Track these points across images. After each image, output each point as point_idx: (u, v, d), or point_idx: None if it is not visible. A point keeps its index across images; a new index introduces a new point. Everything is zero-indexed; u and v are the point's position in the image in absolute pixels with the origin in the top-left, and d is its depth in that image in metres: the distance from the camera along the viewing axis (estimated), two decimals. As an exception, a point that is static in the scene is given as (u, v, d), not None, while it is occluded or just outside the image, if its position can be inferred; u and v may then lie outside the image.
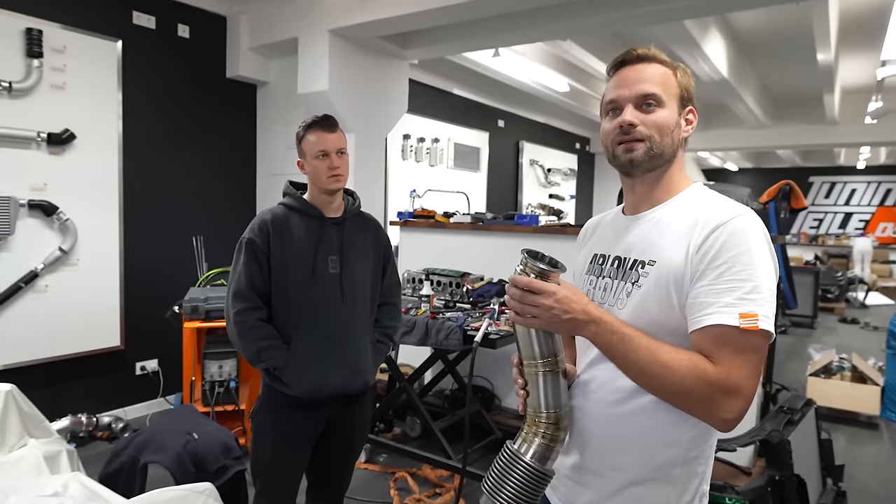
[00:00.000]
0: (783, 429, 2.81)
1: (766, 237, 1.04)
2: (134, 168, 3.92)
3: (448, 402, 3.89)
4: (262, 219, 1.93)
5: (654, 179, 1.14)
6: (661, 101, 1.10)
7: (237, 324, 1.86)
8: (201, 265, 4.07)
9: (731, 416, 0.97)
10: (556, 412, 1.12)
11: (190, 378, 3.47)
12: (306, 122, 1.95)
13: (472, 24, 4.05)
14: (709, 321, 0.98)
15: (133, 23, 3.90)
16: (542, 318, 1.02)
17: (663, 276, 1.05)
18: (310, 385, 1.90)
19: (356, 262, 1.99)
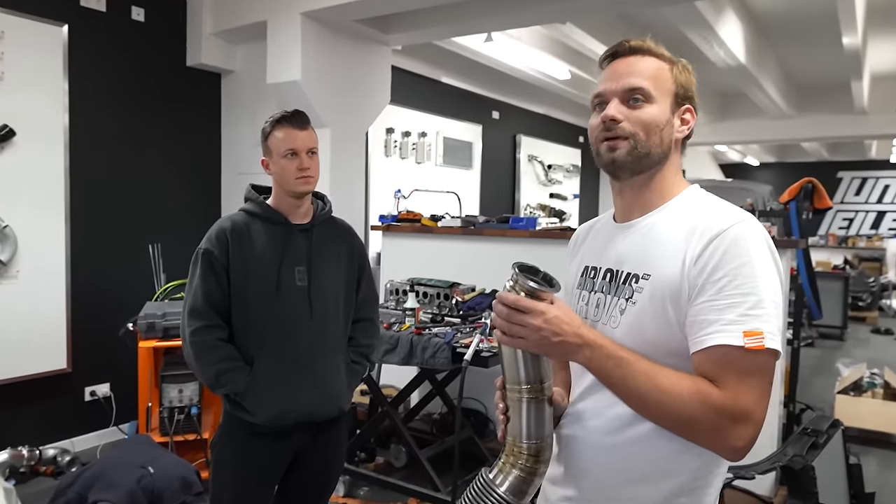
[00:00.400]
0: (807, 453, 2.82)
1: (770, 245, 1.04)
2: (82, 168, 3.90)
3: (437, 428, 3.88)
4: (220, 227, 1.92)
5: (643, 183, 1.14)
6: (649, 97, 1.10)
7: (193, 344, 1.85)
8: (159, 277, 4.05)
9: (741, 444, 0.97)
10: (538, 443, 1.11)
11: (146, 404, 3.45)
12: (274, 118, 1.95)
13: (460, 6, 4.06)
14: (711, 342, 0.99)
15: (81, 5, 3.88)
16: (531, 339, 1.02)
17: (658, 291, 1.05)
18: (275, 411, 1.88)
19: (326, 273, 1.98)
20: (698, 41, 5.21)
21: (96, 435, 4.05)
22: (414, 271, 4.00)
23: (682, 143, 1.17)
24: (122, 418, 4.11)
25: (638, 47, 1.14)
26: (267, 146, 1.95)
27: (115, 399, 4.10)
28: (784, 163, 15.32)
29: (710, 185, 7.52)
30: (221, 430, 1.98)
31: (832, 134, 9.34)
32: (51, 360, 3.77)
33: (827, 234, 13.21)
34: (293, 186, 1.91)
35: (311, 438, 1.99)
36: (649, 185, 1.14)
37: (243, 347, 1.90)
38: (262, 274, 1.89)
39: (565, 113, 9.00)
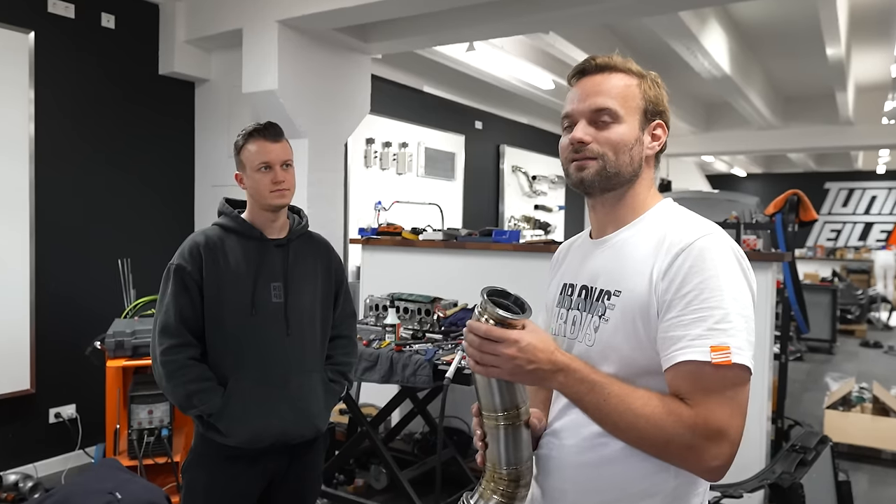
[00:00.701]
0: (795, 471, 2.86)
1: (738, 257, 1.06)
2: (48, 179, 3.86)
3: (418, 448, 3.87)
4: (194, 242, 1.92)
5: (615, 200, 1.17)
6: (617, 116, 1.12)
7: (164, 363, 1.84)
8: (128, 293, 4.01)
9: (717, 463, 0.99)
10: (517, 469, 1.14)
11: (114, 426, 3.40)
12: (246, 130, 1.95)
13: (441, 15, 4.10)
14: (679, 358, 1.01)
15: (48, 11, 3.87)
16: (504, 368, 1.03)
17: (629, 307, 1.08)
18: (249, 433, 1.87)
19: (303, 289, 1.98)
20: (682, 52, 5.31)
21: (61, 459, 3.98)
22: (394, 286, 4.00)
23: (655, 157, 1.20)
24: (88, 441, 4.04)
25: (605, 64, 1.15)
26: (240, 160, 1.95)
27: (82, 421, 4.04)
28: (771, 174, 15.58)
29: (695, 196, 7.64)
30: (193, 454, 1.96)
31: (818, 145, 9.53)
32: (13, 380, 3.71)
33: (815, 246, 13.43)
34: (268, 200, 1.92)
35: (286, 461, 1.98)
36: (621, 201, 1.17)
37: (217, 366, 1.89)
38: (236, 290, 1.89)
39: (549, 123, 9.09)
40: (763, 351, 3.12)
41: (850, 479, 3.50)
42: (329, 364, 2.08)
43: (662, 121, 1.17)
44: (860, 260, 12.93)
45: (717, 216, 4.95)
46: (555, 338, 1.24)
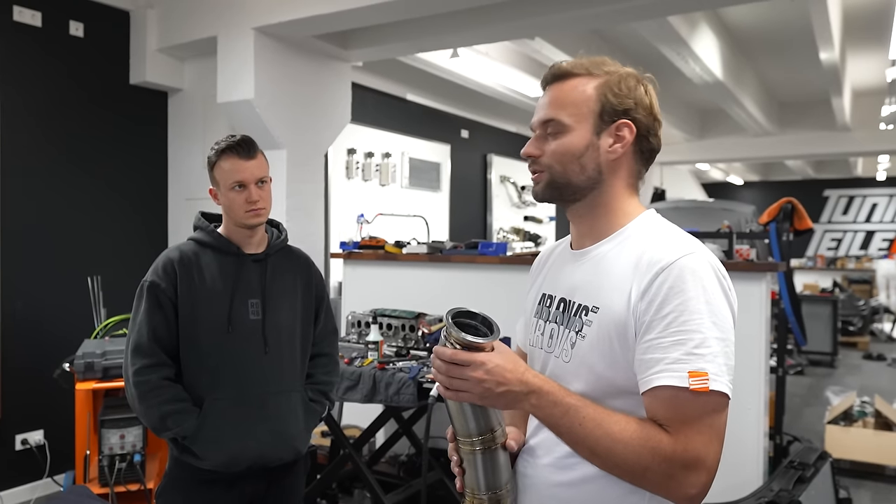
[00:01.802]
0: (793, 488, 2.91)
1: (720, 277, 1.08)
2: (13, 193, 3.87)
3: (404, 471, 3.88)
4: (168, 258, 1.94)
5: (585, 210, 1.19)
6: (562, 126, 1.14)
7: (137, 384, 1.85)
8: (98, 312, 4.01)
9: (694, 491, 1.01)
10: (496, 493, 1.16)
11: (84, 452, 3.39)
12: (219, 146, 1.96)
13: (423, 21, 4.17)
14: (656, 382, 1.02)
15: (14, 19, 3.89)
16: (474, 392, 1.05)
17: (606, 325, 1.09)
18: (226, 456, 1.89)
19: (282, 305, 2.01)
20: (673, 57, 5.40)
21: (28, 488, 3.96)
22: (377, 301, 4.03)
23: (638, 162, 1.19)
24: (57, 469, 4.02)
25: (559, 73, 1.17)
26: (213, 177, 1.97)
27: (50, 448, 4.02)
28: (769, 181, 15.78)
29: (689, 205, 7.74)
30: (167, 478, 1.97)
31: (815, 151, 9.69)
32: (-23, 406, 3.70)
33: (815, 256, 13.58)
34: (243, 220, 1.95)
35: (265, 484, 2.00)
36: (594, 211, 1.18)
37: (192, 387, 1.91)
38: (212, 308, 1.91)
39: (538, 131, 9.17)
40: (758, 365, 3.17)
41: (852, 497, 3.56)
42: (309, 383, 2.10)
43: (629, 119, 1.14)
44: (862, 270, 13.08)
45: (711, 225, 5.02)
46: (532, 349, 1.28)
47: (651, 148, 1.19)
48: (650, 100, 1.17)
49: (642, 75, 1.20)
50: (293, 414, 2.01)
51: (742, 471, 3.21)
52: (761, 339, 3.17)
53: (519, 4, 3.90)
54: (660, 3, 3.72)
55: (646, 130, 1.16)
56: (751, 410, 3.20)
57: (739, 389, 3.20)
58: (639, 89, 1.16)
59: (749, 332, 3.16)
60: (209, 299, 1.92)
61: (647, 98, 1.17)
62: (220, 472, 1.90)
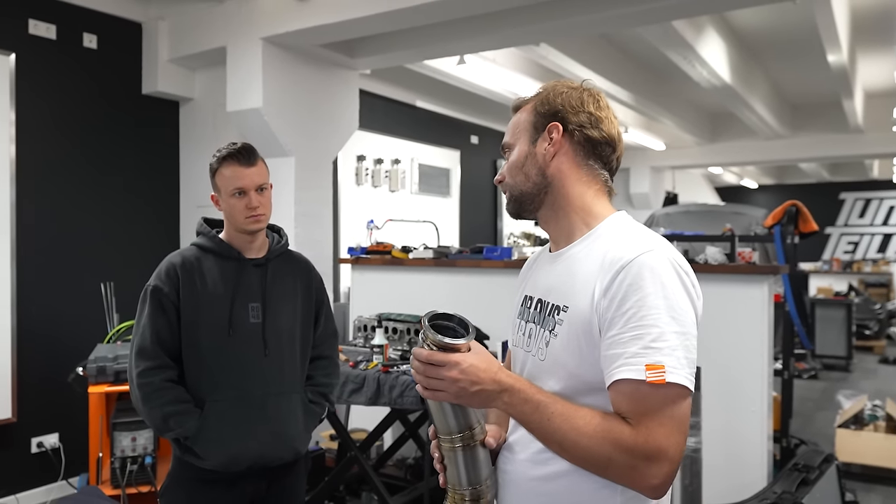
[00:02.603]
0: (796, 490, 2.90)
1: (680, 272, 1.11)
2: (29, 202, 3.96)
3: (410, 473, 3.91)
4: (170, 262, 1.99)
5: (550, 215, 1.27)
6: (510, 147, 1.30)
7: (140, 386, 1.91)
8: (111, 317, 4.08)
9: (657, 482, 1.04)
10: (477, 489, 1.20)
11: (97, 454, 3.46)
12: (220, 154, 2.03)
13: (429, 29, 4.22)
14: (617, 376, 1.06)
15: (29, 32, 3.99)
16: (450, 391, 1.10)
17: (574, 323, 1.14)
18: (227, 456, 1.94)
19: (282, 309, 2.06)
20: (679, 61, 5.41)
21: (44, 490, 4.03)
22: (385, 306, 4.07)
23: (580, 152, 1.23)
24: (71, 471, 4.10)
25: (514, 107, 1.33)
26: (215, 183, 2.04)
27: (65, 450, 4.10)
28: (783, 185, 15.65)
29: (700, 209, 7.71)
30: (170, 478, 2.02)
31: (828, 154, 9.61)
32: (-6, 409, 3.78)
33: (831, 259, 13.44)
34: (243, 226, 2.00)
35: (265, 484, 2.04)
36: (557, 214, 1.25)
37: (194, 388, 1.96)
38: (213, 311, 1.96)
39: (549, 136, 9.19)
40: (759, 367, 3.17)
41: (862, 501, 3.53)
42: (309, 385, 2.14)
43: (556, 121, 1.23)
44: (878, 273, 12.93)
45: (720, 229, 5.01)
46: (514, 349, 1.32)
47: (590, 138, 1.23)
48: (583, 100, 1.24)
49: (584, 84, 1.28)
50: (293, 415, 2.05)
51: (746, 472, 3.21)
52: (763, 341, 3.18)
53: (524, 11, 3.94)
54: (665, 7, 3.74)
55: (577, 125, 1.23)
56: (754, 413, 3.20)
57: (742, 391, 3.22)
58: (569, 94, 1.25)
59: (751, 334, 3.17)
60: (210, 303, 1.97)
61: (580, 99, 1.24)
62: (222, 471, 1.95)
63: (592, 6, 3.83)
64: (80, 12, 4.23)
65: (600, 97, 1.26)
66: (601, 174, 1.26)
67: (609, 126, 1.24)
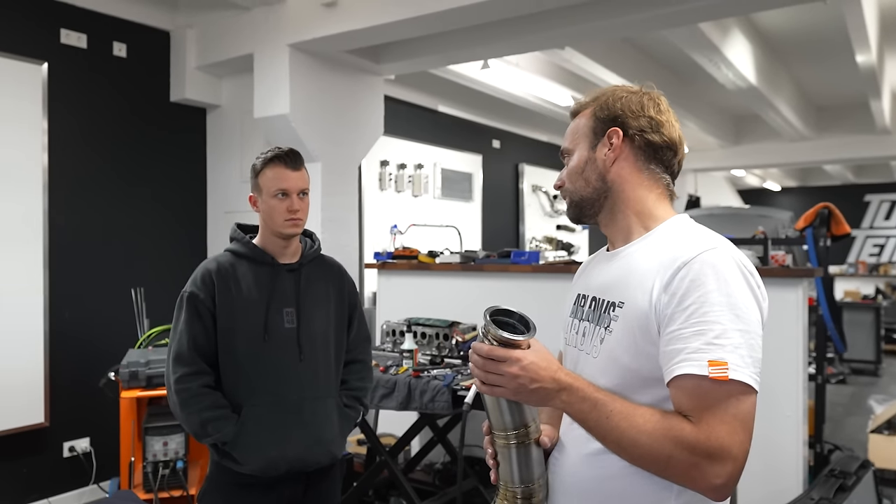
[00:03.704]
0: (834, 496, 2.85)
1: (744, 271, 1.10)
2: (61, 210, 4.01)
3: (439, 478, 3.90)
4: (206, 269, 2.00)
5: (609, 219, 1.28)
6: (570, 153, 1.31)
7: (178, 392, 1.91)
8: (142, 322, 4.11)
9: (719, 482, 1.01)
10: (529, 487, 1.20)
11: (128, 459, 3.48)
12: (267, 156, 2.04)
13: (454, 34, 4.21)
14: (678, 371, 1.05)
15: (61, 42, 4.04)
16: (508, 387, 1.10)
17: (630, 319, 1.13)
18: (265, 460, 1.93)
19: (316, 314, 2.05)
20: (705, 63, 5.35)
21: (75, 494, 4.07)
22: (411, 311, 4.06)
23: (641, 157, 1.23)
24: (102, 475, 4.13)
25: (572, 112, 1.35)
26: (257, 183, 2.04)
27: (96, 455, 4.14)
28: (807, 187, 15.44)
29: (725, 212, 7.63)
30: (209, 482, 2.03)
31: (854, 155, 9.46)
32: (27, 414, 3.81)
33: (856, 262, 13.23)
34: (281, 228, 2.00)
35: (302, 489, 2.03)
36: (616, 217, 1.25)
37: (231, 394, 1.97)
38: (249, 317, 1.96)
39: (570, 140, 9.14)
40: (795, 371, 3.12)
41: (896, 507, 3.45)
42: (344, 389, 2.14)
43: (616, 126, 1.23)
44: (906, 276, 12.69)
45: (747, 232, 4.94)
46: (567, 348, 1.31)
47: (651, 142, 1.23)
48: (643, 104, 1.24)
49: (644, 87, 1.27)
50: (329, 419, 2.04)
51: (782, 479, 3.15)
52: (798, 345, 3.12)
53: (549, 15, 3.92)
54: (691, 10, 3.70)
55: (637, 129, 1.23)
56: (790, 418, 3.14)
57: (777, 397, 3.16)
58: (629, 98, 1.25)
59: (786, 338, 3.11)
60: (245, 309, 1.97)
61: (640, 103, 1.24)
62: (259, 476, 1.95)
63: (618, 10, 3.80)
64: (110, 21, 4.28)
65: (661, 100, 1.26)
66: (663, 178, 1.26)
67: (670, 130, 1.24)
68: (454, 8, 3.53)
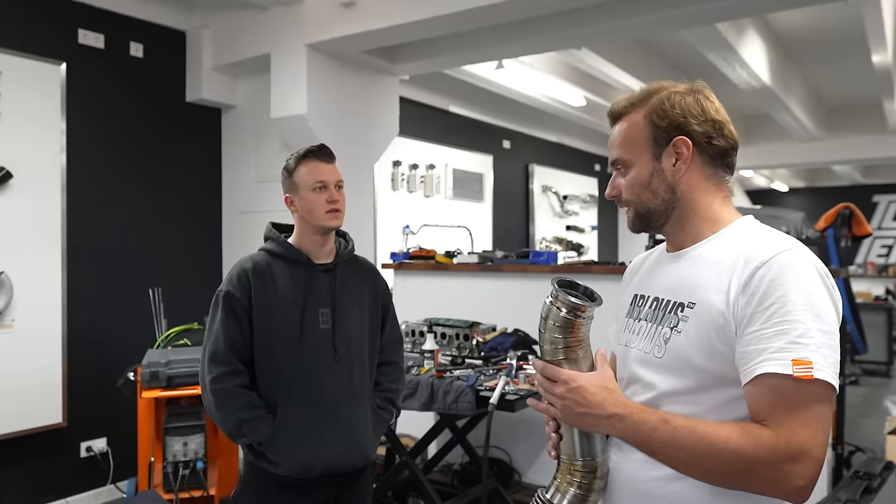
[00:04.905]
0: (860, 498, 2.84)
1: (822, 272, 1.09)
2: (79, 210, 4.02)
3: (458, 479, 3.89)
4: (242, 268, 2.00)
5: (676, 228, 1.24)
6: (627, 163, 1.23)
7: (214, 392, 1.91)
8: (160, 323, 4.11)
9: (802, 483, 0.99)
10: (593, 460, 1.20)
11: (147, 459, 3.48)
12: (299, 153, 2.04)
13: (471, 35, 4.22)
14: (760, 370, 1.02)
15: (79, 42, 4.05)
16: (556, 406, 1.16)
17: (704, 320, 1.11)
18: (300, 462, 1.94)
19: (350, 314, 2.06)
20: (720, 63, 5.36)
21: (93, 494, 4.08)
22: (429, 311, 4.06)
23: (709, 165, 1.20)
24: (119, 476, 4.14)
25: (614, 113, 1.26)
26: (292, 182, 2.03)
27: (113, 455, 4.14)
28: (815, 188, 15.42)
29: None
30: (243, 483, 2.03)
31: (865, 156, 9.46)
32: (45, 414, 3.82)
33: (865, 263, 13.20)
34: (322, 221, 2.00)
35: (336, 490, 2.03)
36: (683, 224, 1.23)
37: (266, 394, 1.97)
38: (285, 317, 1.97)
39: (580, 140, 9.16)
40: (820, 372, 3.11)
41: (918, 509, 3.44)
42: (377, 391, 2.14)
43: (682, 135, 1.18)
44: (915, 277, 12.66)
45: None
46: (621, 348, 1.30)
47: (719, 149, 1.20)
48: (702, 106, 1.19)
49: (693, 84, 1.23)
50: (364, 421, 2.04)
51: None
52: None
53: (566, 15, 3.93)
54: (709, 10, 3.70)
55: (705, 137, 1.19)
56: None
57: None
58: (685, 101, 1.19)
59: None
60: (282, 308, 1.97)
61: (699, 106, 1.19)
62: (294, 477, 1.95)
63: (635, 10, 3.80)
64: (128, 22, 4.29)
65: (711, 96, 1.22)
66: (727, 180, 1.24)
67: (730, 128, 1.21)
68: (471, 8, 3.54)
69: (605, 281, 3.57)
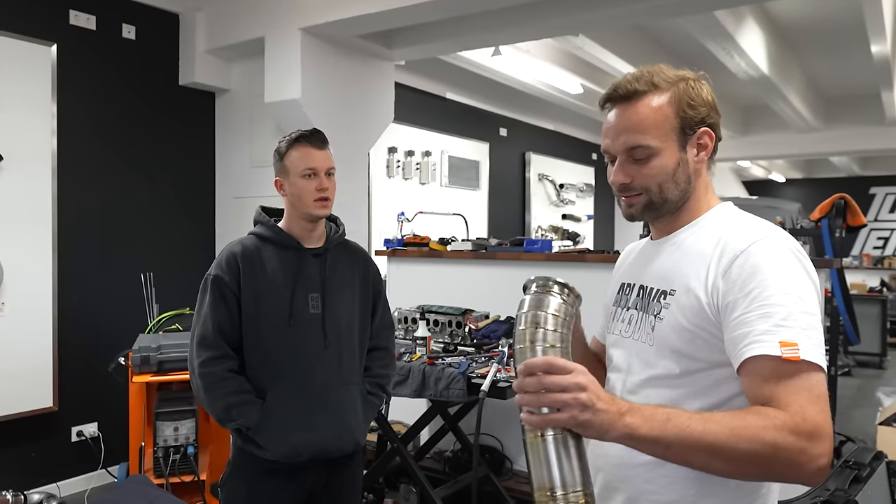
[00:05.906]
0: (849, 487, 2.85)
1: (800, 256, 1.09)
2: (70, 193, 3.99)
3: (449, 466, 3.90)
4: (231, 252, 1.99)
5: (671, 216, 1.23)
6: (651, 150, 1.14)
7: (202, 376, 1.91)
8: (151, 307, 4.11)
9: (824, 461, 0.95)
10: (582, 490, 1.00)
11: (138, 444, 3.48)
12: (291, 137, 2.02)
13: (467, 20, 4.19)
14: (749, 353, 1.02)
15: (70, 23, 4.01)
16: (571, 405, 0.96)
17: (683, 305, 1.12)
18: (288, 447, 1.93)
19: (341, 299, 2.05)
20: (718, 52, 5.34)
21: (84, 478, 4.08)
22: (423, 298, 4.06)
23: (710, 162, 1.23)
24: (111, 460, 4.14)
25: (628, 92, 1.16)
26: (283, 166, 2.02)
27: (104, 439, 4.14)
28: (812, 178, 15.43)
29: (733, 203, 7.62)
30: (231, 468, 2.03)
31: (862, 147, 9.48)
32: (36, 398, 3.82)
33: (861, 255, 13.24)
34: (310, 209, 1.99)
35: (325, 475, 2.04)
36: (678, 215, 1.22)
37: (255, 378, 1.96)
38: (274, 301, 1.96)
39: (577, 129, 9.14)
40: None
41: (907, 499, 3.46)
42: (367, 376, 2.14)
43: (707, 126, 1.18)
44: (910, 269, 12.70)
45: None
46: (611, 336, 1.30)
47: (719, 137, 1.22)
48: (713, 97, 1.21)
49: (697, 74, 1.22)
50: (353, 406, 2.04)
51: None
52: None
53: (563, 1, 3.90)
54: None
55: (717, 126, 1.21)
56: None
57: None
58: (699, 91, 1.19)
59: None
60: (271, 293, 1.96)
61: (710, 96, 1.20)
62: (282, 462, 1.95)
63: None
64: (120, 3, 4.25)
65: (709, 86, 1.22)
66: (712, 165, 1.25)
67: None
68: (469, -8, 3.51)
69: (600, 269, 3.57)
